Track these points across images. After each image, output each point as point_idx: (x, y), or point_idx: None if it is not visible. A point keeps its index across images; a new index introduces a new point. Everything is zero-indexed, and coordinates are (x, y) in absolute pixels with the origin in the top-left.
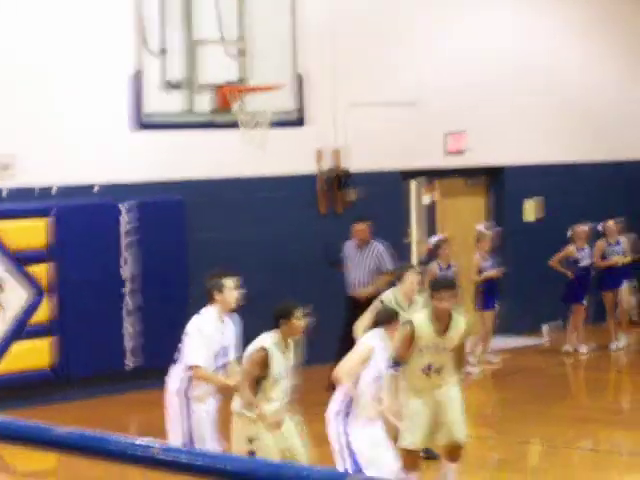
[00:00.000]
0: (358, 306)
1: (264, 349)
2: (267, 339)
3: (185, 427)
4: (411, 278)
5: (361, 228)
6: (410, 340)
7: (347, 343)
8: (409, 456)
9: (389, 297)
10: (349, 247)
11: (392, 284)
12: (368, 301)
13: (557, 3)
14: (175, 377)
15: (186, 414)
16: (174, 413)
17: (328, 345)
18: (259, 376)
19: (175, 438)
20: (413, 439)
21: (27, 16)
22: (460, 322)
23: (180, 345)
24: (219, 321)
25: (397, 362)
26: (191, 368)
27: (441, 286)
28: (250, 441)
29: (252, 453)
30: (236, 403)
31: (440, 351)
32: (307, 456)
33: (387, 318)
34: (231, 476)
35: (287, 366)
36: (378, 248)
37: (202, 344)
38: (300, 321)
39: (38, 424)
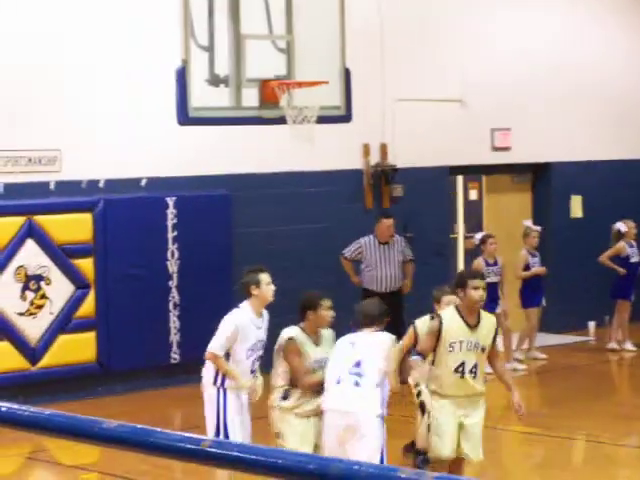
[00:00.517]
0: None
1: (292, 339)
2: (291, 330)
3: (221, 418)
4: (448, 302)
5: (390, 224)
6: (436, 335)
7: None
8: (438, 467)
9: (426, 320)
10: (370, 244)
11: (432, 309)
12: (392, 296)
13: (603, 1)
14: (211, 368)
15: (223, 405)
16: (210, 404)
17: None
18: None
19: (211, 429)
20: (440, 452)
21: (75, 11)
22: (488, 318)
23: None
24: (257, 315)
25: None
26: (209, 352)
27: (474, 275)
28: (277, 436)
29: None
30: (274, 396)
31: (472, 348)
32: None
33: (380, 317)
34: (281, 470)
35: (321, 358)
36: (400, 240)
37: (229, 336)
38: (327, 312)
39: (86, 417)
